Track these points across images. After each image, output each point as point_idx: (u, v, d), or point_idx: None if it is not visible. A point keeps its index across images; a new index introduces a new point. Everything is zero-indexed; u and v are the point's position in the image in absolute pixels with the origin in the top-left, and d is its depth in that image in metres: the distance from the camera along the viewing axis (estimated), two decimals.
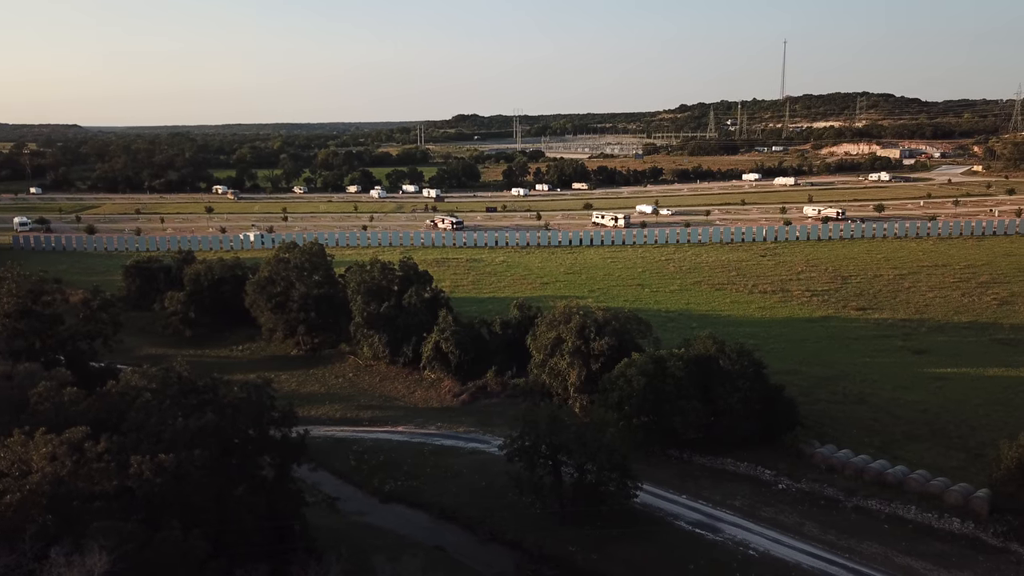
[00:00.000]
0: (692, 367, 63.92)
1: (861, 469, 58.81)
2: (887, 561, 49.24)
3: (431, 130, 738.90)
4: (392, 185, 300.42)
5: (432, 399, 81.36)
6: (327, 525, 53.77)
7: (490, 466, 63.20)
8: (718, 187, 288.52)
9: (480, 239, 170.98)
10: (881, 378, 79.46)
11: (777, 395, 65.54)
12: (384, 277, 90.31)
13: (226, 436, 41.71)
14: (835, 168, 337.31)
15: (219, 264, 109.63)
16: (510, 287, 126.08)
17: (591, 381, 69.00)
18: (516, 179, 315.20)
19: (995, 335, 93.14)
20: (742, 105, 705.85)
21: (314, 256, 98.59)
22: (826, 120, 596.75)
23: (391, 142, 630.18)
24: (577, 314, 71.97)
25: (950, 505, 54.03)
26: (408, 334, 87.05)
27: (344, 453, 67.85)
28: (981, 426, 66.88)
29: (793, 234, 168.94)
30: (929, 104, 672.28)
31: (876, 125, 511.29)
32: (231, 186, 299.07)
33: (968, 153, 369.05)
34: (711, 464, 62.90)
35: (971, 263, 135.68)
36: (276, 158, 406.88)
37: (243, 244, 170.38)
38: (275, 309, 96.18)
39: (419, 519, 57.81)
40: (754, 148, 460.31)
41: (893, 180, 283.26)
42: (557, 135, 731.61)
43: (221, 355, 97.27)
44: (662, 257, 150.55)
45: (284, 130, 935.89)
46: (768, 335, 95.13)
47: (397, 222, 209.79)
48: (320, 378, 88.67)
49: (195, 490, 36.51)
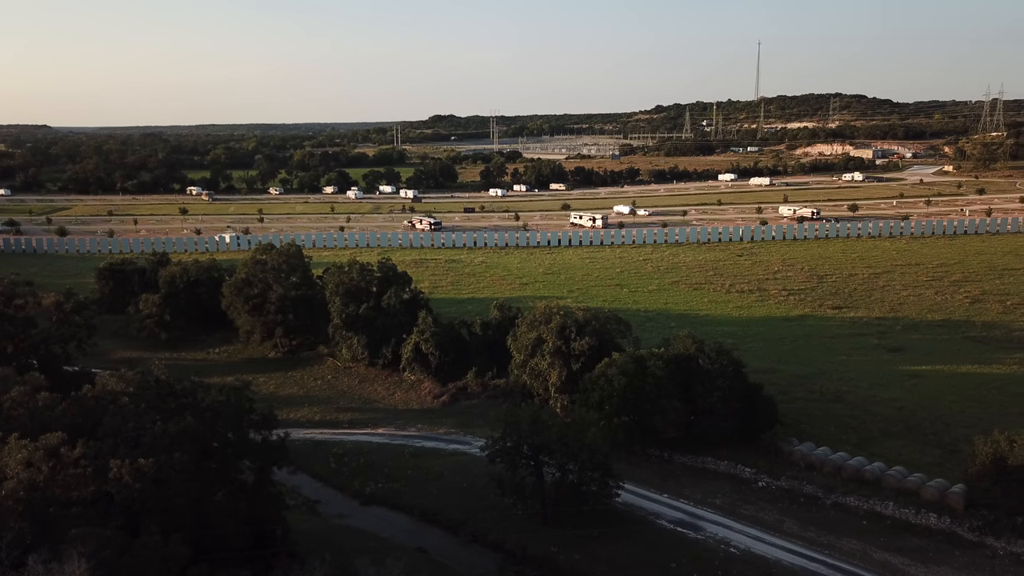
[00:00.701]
0: (672, 366, 64.22)
1: (839, 466, 59.40)
2: (866, 557, 49.78)
3: (408, 131, 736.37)
4: (369, 186, 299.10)
5: (412, 401, 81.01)
6: (308, 528, 53.31)
7: (471, 467, 63.09)
8: (694, 187, 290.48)
9: (459, 240, 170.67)
10: (857, 376, 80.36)
11: (756, 394, 66.02)
12: (363, 278, 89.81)
13: (205, 440, 41.18)
14: (809, 168, 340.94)
15: (195, 266, 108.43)
16: (489, 288, 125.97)
17: (572, 381, 69.07)
18: (494, 180, 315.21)
19: (968, 333, 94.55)
20: (717, 106, 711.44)
21: (292, 257, 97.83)
22: (800, 121, 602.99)
23: (367, 143, 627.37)
24: (557, 314, 72.02)
25: (927, 501, 54.71)
26: (387, 335, 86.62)
27: (324, 456, 67.41)
28: (955, 422, 67.84)
29: (769, 234, 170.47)
30: (900, 105, 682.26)
31: (849, 126, 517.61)
32: (206, 187, 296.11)
33: (939, 153, 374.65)
34: (692, 463, 63.21)
35: (943, 262, 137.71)
36: (251, 159, 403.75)
37: (219, 246, 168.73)
38: (252, 311, 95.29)
39: (401, 521, 57.54)
40: (729, 149, 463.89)
41: (866, 180, 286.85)
42: (534, 136, 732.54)
43: (198, 358, 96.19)
44: (640, 257, 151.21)
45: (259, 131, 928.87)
46: (746, 334, 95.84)
47: (374, 223, 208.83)
48: (298, 380, 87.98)
49: (175, 495, 36.00)
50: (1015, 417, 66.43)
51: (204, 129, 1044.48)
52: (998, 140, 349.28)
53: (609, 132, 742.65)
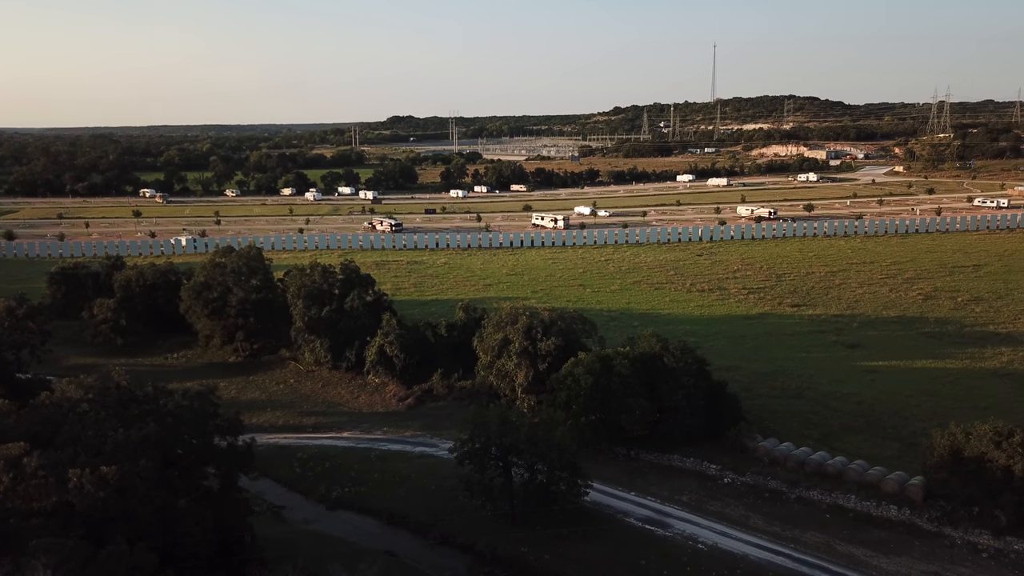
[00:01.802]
0: (638, 365, 64.67)
1: (802, 461, 60.40)
2: (829, 549, 50.69)
3: (366, 132, 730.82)
4: (328, 187, 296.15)
5: (377, 404, 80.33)
6: (274, 535, 52.48)
7: (439, 470, 62.82)
8: (653, 188, 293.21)
9: (420, 241, 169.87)
10: (817, 372, 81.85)
11: (720, 391, 66.81)
12: (325, 281, 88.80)
13: (169, 447, 40.26)
14: (765, 169, 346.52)
15: (151, 269, 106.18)
16: (453, 289, 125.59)
17: (538, 381, 69.19)
18: (454, 181, 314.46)
19: (921, 329, 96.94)
20: (674, 107, 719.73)
21: (252, 260, 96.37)
22: (755, 122, 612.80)
23: (325, 144, 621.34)
24: (523, 315, 72.07)
25: (887, 493, 55.91)
26: (351, 338, 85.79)
27: (288, 461, 66.48)
28: (913, 416, 69.50)
29: (728, 234, 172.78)
30: (852, 107, 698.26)
31: (803, 127, 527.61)
32: (159, 189, 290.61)
33: (890, 154, 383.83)
34: (658, 460, 63.72)
35: (896, 260, 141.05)
36: (206, 160, 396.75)
37: (174, 249, 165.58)
38: (212, 315, 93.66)
39: (368, 525, 56.98)
40: (687, 150, 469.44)
41: (821, 180, 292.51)
42: (493, 137, 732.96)
43: (155, 363, 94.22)
44: (602, 258, 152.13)
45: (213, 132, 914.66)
46: (708, 332, 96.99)
47: (334, 225, 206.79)
48: (260, 385, 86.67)
49: (139, 503, 35.11)
50: (969, 410, 68.29)
51: (156, 130, 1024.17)
52: (945, 141, 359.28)
53: (568, 134, 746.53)
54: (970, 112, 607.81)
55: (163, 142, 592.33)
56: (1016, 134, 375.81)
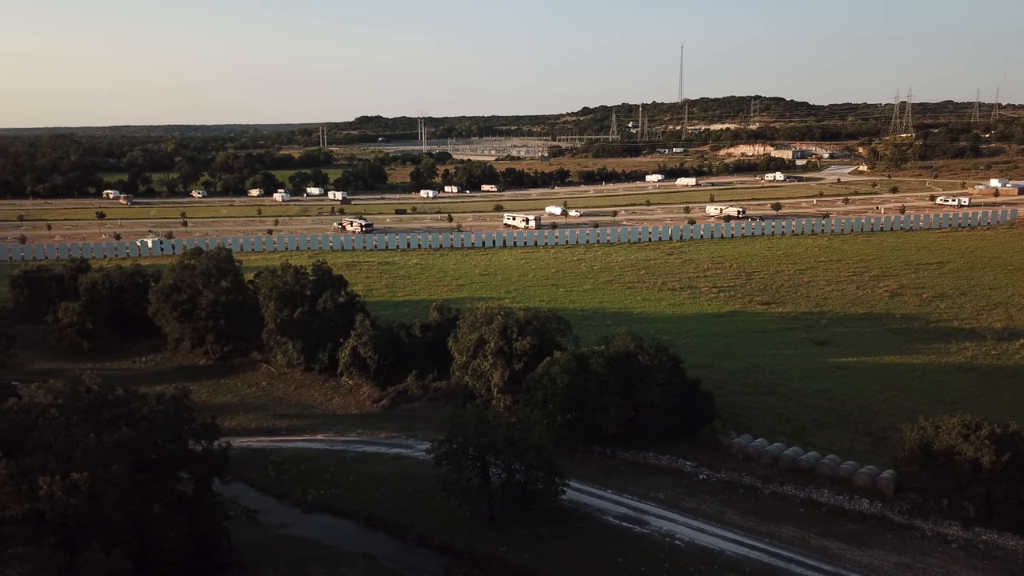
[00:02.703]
0: (613, 364, 64.93)
1: (776, 457, 61.12)
2: (804, 543, 51.36)
3: (334, 132, 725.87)
4: (296, 188, 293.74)
5: (351, 406, 79.77)
6: (249, 539, 51.89)
7: (415, 471, 62.60)
8: (623, 188, 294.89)
9: (391, 242, 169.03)
10: (788, 369, 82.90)
11: (694, 389, 67.34)
12: (297, 282, 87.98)
13: (142, 452, 39.54)
14: (733, 168, 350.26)
15: (118, 272, 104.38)
16: (425, 290, 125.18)
17: (514, 381, 69.20)
18: (424, 181, 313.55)
19: (888, 325, 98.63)
20: (643, 108, 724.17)
21: (221, 262, 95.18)
22: (722, 122, 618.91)
23: (293, 144, 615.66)
24: (499, 315, 72.03)
25: (859, 487, 56.79)
26: (323, 340, 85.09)
27: (262, 464, 65.81)
28: (882, 411, 70.70)
29: (697, 233, 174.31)
30: (816, 107, 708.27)
31: (769, 127, 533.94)
32: (123, 190, 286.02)
33: (854, 154, 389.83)
34: (634, 458, 64.08)
35: (862, 258, 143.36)
36: (171, 161, 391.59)
37: (140, 251, 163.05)
38: (181, 318, 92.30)
39: (345, 528, 56.66)
40: (656, 150, 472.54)
41: (787, 180, 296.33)
42: (463, 137, 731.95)
43: (123, 367, 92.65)
44: (574, 257, 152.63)
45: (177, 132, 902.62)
46: (680, 331, 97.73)
47: (303, 226, 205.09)
48: (232, 388, 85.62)
49: (112, 509, 34.43)
50: (936, 404, 69.50)
51: (118, 131, 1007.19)
52: (908, 141, 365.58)
53: (537, 134, 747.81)
54: (930, 113, 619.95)
55: (126, 142, 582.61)
56: (975, 134, 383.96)
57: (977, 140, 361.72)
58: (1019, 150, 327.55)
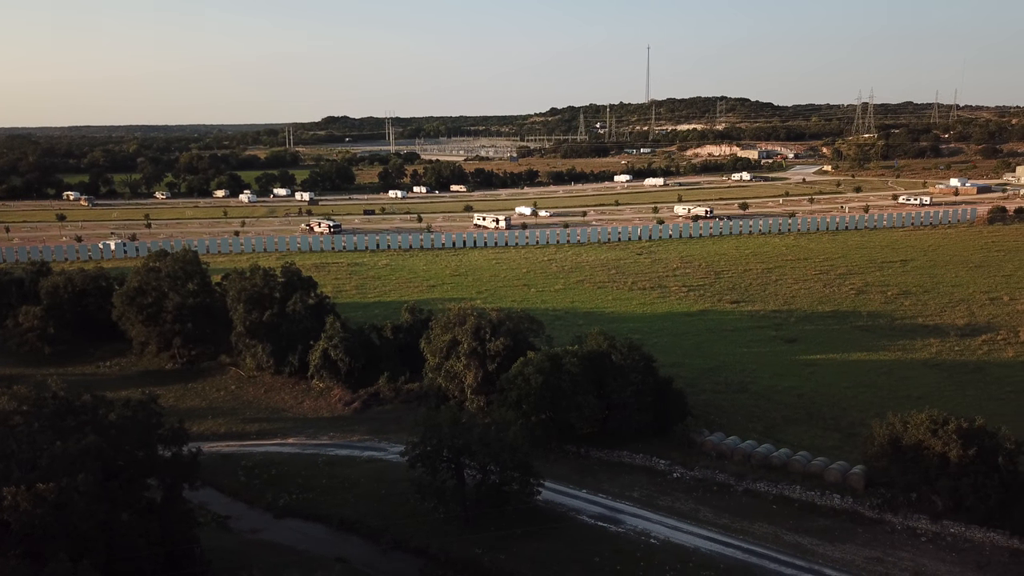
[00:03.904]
0: (586, 363, 64.99)
1: (749, 454, 61.62)
2: (777, 539, 51.81)
3: (300, 132, 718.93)
4: (262, 189, 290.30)
5: (322, 408, 78.93)
6: (220, 545, 51.02)
7: (388, 474, 62.11)
8: (592, 188, 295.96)
9: (360, 242, 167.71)
10: (758, 367, 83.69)
11: (667, 387, 67.62)
12: (266, 284, 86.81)
13: (110, 459, 38.59)
14: (700, 168, 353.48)
15: (80, 275, 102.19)
16: (396, 291, 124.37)
17: (488, 382, 68.94)
18: (392, 181, 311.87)
19: (855, 322, 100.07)
20: (610, 108, 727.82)
21: (188, 264, 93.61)
22: (689, 123, 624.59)
23: (258, 145, 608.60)
24: (472, 315, 71.72)
25: (830, 483, 57.44)
26: (293, 342, 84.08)
27: (232, 469, 64.82)
28: (851, 407, 71.65)
29: (666, 232, 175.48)
30: (781, 108, 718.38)
31: (735, 127, 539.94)
32: (84, 192, 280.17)
33: (818, 154, 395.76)
34: (608, 457, 64.18)
35: (828, 256, 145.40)
36: (133, 162, 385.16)
37: (103, 253, 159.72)
38: (147, 321, 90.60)
39: (318, 532, 55.95)
40: (624, 150, 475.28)
41: (754, 180, 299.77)
42: (431, 137, 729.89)
43: (87, 372, 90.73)
44: (544, 257, 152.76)
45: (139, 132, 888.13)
46: (651, 330, 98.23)
47: (271, 227, 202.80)
48: (200, 392, 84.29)
49: (80, 519, 33.53)
50: (903, 399, 70.67)
51: (78, 131, 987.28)
52: (870, 141, 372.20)
53: (505, 134, 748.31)
54: (891, 113, 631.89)
55: (86, 143, 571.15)
56: (935, 134, 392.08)
57: (937, 140, 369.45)
58: (977, 150, 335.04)
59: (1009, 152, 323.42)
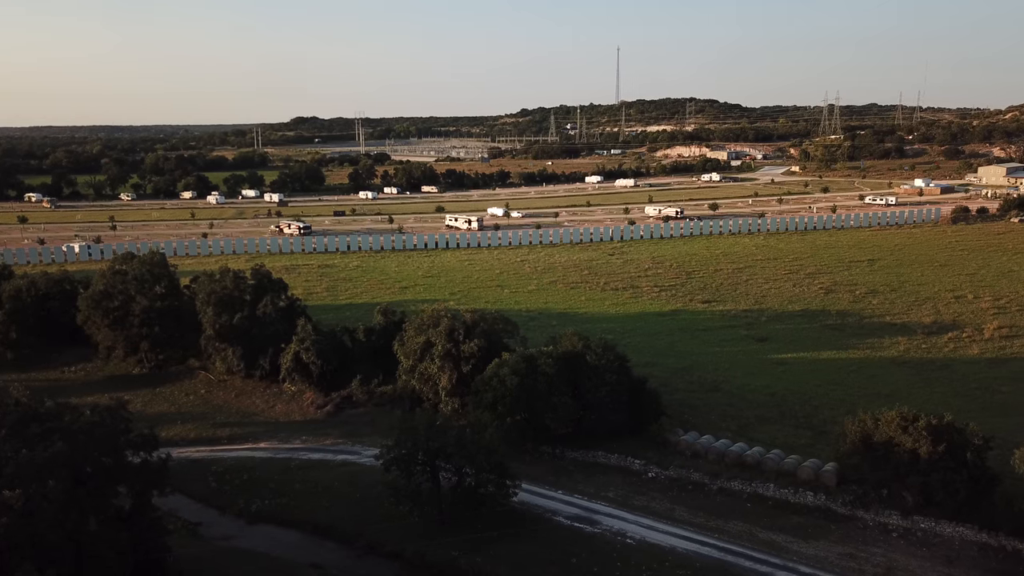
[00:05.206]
0: (561, 364, 64.89)
1: (723, 453, 61.96)
2: (752, 537, 52.12)
3: (269, 133, 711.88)
4: (231, 190, 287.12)
5: (294, 412, 78.01)
6: (191, 554, 50.03)
7: (362, 477, 61.47)
8: (563, 189, 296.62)
9: (331, 244, 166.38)
10: (731, 366, 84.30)
11: (641, 387, 67.74)
12: (236, 286, 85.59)
13: (77, 466, 37.65)
14: (670, 169, 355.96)
15: (43, 278, 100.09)
16: (367, 293, 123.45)
17: (462, 384, 68.56)
18: (363, 182, 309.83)
19: (824, 321, 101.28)
20: (580, 110, 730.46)
21: (155, 266, 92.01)
22: (659, 124, 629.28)
23: (226, 146, 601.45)
24: (446, 317, 71.30)
25: (803, 481, 57.95)
26: (264, 345, 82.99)
27: (202, 474, 63.69)
28: (822, 405, 72.40)
29: (637, 233, 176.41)
30: (749, 109, 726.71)
31: (704, 129, 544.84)
32: (47, 193, 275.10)
33: (786, 155, 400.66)
34: (583, 458, 64.13)
35: (798, 256, 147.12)
36: (97, 163, 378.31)
37: (67, 256, 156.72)
38: (113, 325, 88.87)
39: (291, 538, 55.09)
40: (594, 151, 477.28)
41: (723, 180, 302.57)
42: (401, 138, 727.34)
43: (51, 378, 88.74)
44: (517, 258, 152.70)
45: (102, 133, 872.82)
46: (624, 330, 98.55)
47: (239, 228, 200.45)
48: (168, 397, 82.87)
49: (48, 528, 32.64)
50: (873, 397, 71.62)
51: (39, 131, 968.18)
52: (837, 143, 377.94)
53: (476, 135, 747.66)
54: (856, 115, 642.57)
55: (48, 144, 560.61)
56: (900, 136, 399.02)
57: (901, 142, 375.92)
58: (940, 151, 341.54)
59: (971, 153, 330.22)
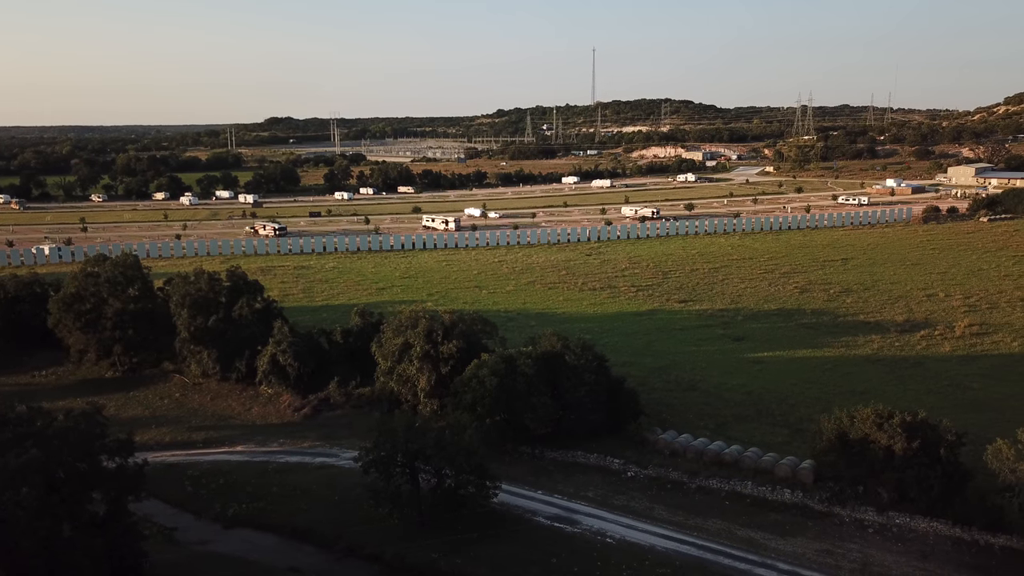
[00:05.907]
0: (540, 364, 65.00)
1: (701, 451, 62.34)
2: (730, 535, 52.53)
3: (243, 133, 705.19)
4: (204, 191, 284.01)
5: (271, 415, 77.32)
6: (166, 559, 49.45)
7: (341, 480, 61.11)
8: (540, 190, 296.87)
9: (307, 245, 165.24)
10: (708, 365, 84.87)
11: (619, 387, 68.08)
12: (211, 288, 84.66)
13: (51, 471, 37.02)
14: (646, 170, 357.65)
15: (13, 281, 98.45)
16: (344, 294, 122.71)
17: (441, 385, 68.36)
18: (339, 183, 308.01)
19: (800, 320, 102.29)
20: (556, 110, 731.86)
21: (128, 268, 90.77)
22: (634, 125, 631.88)
23: (199, 146, 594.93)
24: (424, 318, 71.03)
25: (780, 478, 58.50)
26: (240, 348, 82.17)
27: (178, 479, 62.95)
28: (798, 403, 73.12)
29: (614, 233, 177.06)
30: (723, 110, 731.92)
31: (680, 129, 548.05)
32: (15, 195, 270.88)
33: (760, 155, 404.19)
34: (563, 458, 64.24)
35: (773, 255, 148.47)
36: (67, 164, 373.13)
37: (36, 258, 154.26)
38: (85, 328, 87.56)
39: (269, 542, 54.63)
40: (571, 152, 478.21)
41: (699, 181, 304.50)
42: (377, 138, 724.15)
43: (21, 382, 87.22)
44: (495, 259, 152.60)
45: (72, 133, 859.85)
46: (602, 330, 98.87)
47: (214, 230, 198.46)
48: (143, 400, 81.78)
49: (22, 535, 32.03)
50: (848, 394, 72.44)
51: (6, 131, 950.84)
52: (810, 143, 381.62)
53: (453, 136, 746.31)
54: (829, 116, 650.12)
55: (16, 144, 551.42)
56: (871, 136, 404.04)
57: (873, 142, 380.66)
58: (911, 152, 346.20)
59: (941, 153, 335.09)
